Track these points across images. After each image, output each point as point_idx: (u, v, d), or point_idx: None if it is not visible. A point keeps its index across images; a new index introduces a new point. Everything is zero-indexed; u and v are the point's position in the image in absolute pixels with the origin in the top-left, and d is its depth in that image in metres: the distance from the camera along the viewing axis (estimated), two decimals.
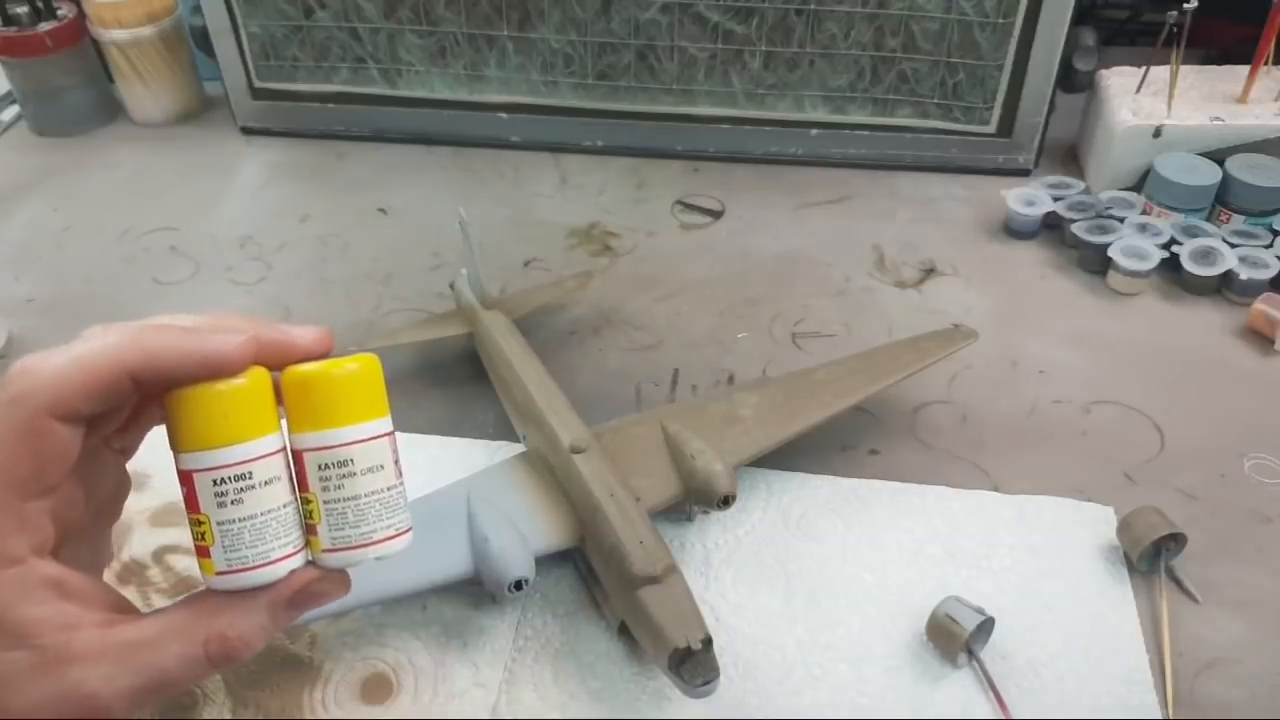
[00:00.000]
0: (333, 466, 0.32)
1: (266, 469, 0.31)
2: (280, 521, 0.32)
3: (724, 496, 0.53)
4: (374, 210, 0.87)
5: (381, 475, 0.33)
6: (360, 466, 0.32)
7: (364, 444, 0.32)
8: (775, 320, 0.73)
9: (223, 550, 0.31)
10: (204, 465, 0.31)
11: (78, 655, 0.29)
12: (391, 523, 0.33)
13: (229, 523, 0.31)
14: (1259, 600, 0.53)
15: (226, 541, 0.31)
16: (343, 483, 0.32)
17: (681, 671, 0.45)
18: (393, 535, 0.33)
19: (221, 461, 0.31)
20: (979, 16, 0.81)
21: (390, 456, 0.33)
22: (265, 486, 0.31)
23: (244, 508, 0.31)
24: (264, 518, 0.31)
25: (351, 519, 0.32)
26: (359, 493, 0.32)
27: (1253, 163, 0.77)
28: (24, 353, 0.31)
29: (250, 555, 0.31)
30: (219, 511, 0.31)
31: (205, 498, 0.31)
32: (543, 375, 0.60)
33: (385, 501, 0.33)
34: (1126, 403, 0.66)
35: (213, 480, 0.31)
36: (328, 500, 0.32)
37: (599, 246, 0.82)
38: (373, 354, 0.33)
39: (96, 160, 0.95)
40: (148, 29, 0.94)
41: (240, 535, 0.31)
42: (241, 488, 0.31)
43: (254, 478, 0.31)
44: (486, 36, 0.88)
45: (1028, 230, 0.81)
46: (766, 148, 0.90)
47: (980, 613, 0.49)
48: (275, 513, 0.32)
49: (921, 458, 0.62)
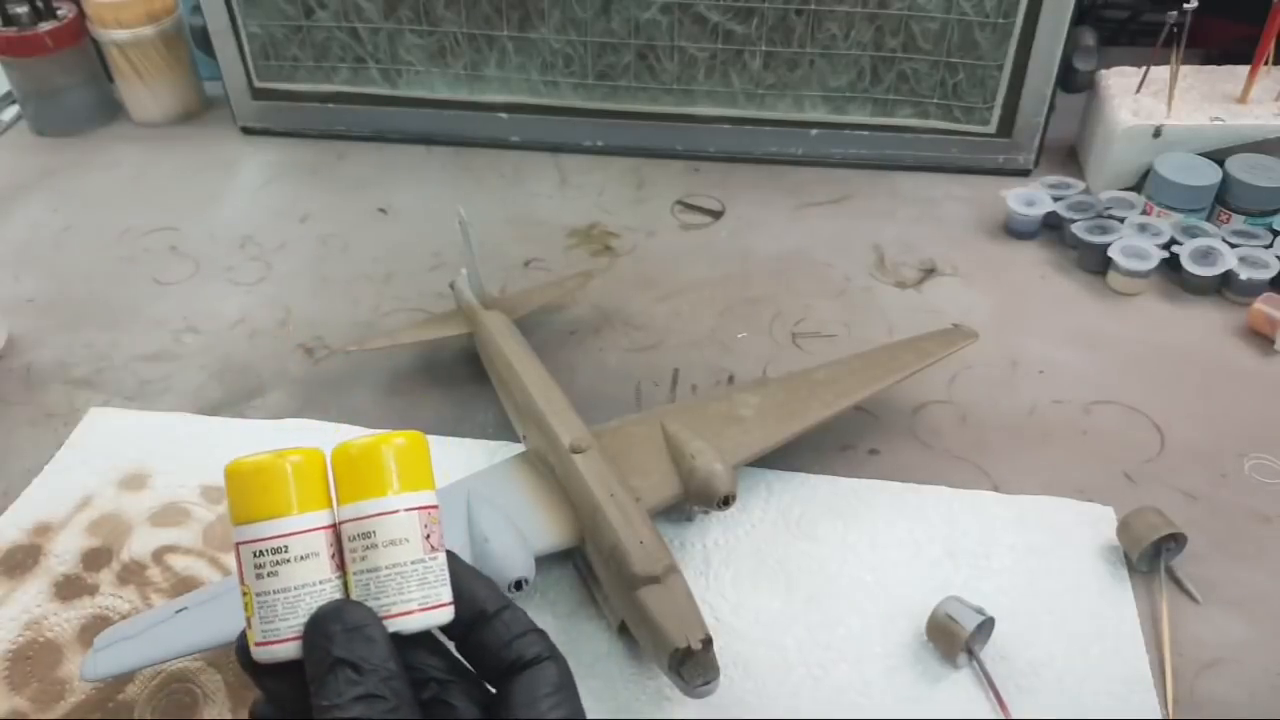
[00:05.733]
0: (358, 538, 0.32)
1: (304, 544, 0.32)
2: (314, 597, 0.32)
3: (724, 496, 0.53)
4: (374, 210, 0.87)
5: (405, 549, 0.32)
6: (382, 539, 0.32)
7: (386, 517, 0.32)
8: (775, 320, 0.73)
9: (259, 621, 0.32)
10: (245, 538, 0.32)
11: None
12: (414, 597, 0.32)
13: (264, 594, 0.32)
14: (1259, 600, 0.53)
15: (263, 613, 0.32)
16: (366, 554, 0.32)
17: (681, 671, 0.45)
18: (412, 610, 0.32)
19: (260, 535, 0.32)
20: (979, 16, 0.81)
21: (419, 531, 0.33)
22: (301, 561, 0.32)
23: (278, 580, 0.32)
24: (297, 592, 0.32)
25: (373, 591, 0.32)
26: (379, 565, 0.32)
27: (1253, 163, 0.77)
28: (24, 352, 0.31)
29: (283, 629, 0.32)
30: (257, 583, 0.32)
31: (247, 569, 0.32)
32: (543, 375, 0.60)
33: (408, 575, 0.32)
34: (1126, 403, 0.66)
35: (254, 553, 0.32)
36: (355, 571, 0.33)
37: (599, 246, 0.82)
38: (419, 432, 0.34)
39: (96, 160, 0.95)
40: (148, 29, 0.94)
41: (274, 607, 0.32)
42: (277, 561, 0.32)
43: (289, 552, 0.32)
44: (486, 36, 0.88)
45: (1028, 230, 0.81)
46: (766, 148, 0.90)
47: (980, 613, 0.49)
48: (310, 588, 0.32)
49: (921, 458, 0.62)
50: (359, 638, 0.31)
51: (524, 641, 0.33)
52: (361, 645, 0.31)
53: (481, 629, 0.33)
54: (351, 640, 0.31)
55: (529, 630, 0.34)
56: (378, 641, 0.31)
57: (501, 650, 0.33)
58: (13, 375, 0.69)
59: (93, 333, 0.74)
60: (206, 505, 0.59)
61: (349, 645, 0.31)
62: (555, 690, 0.32)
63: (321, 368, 0.70)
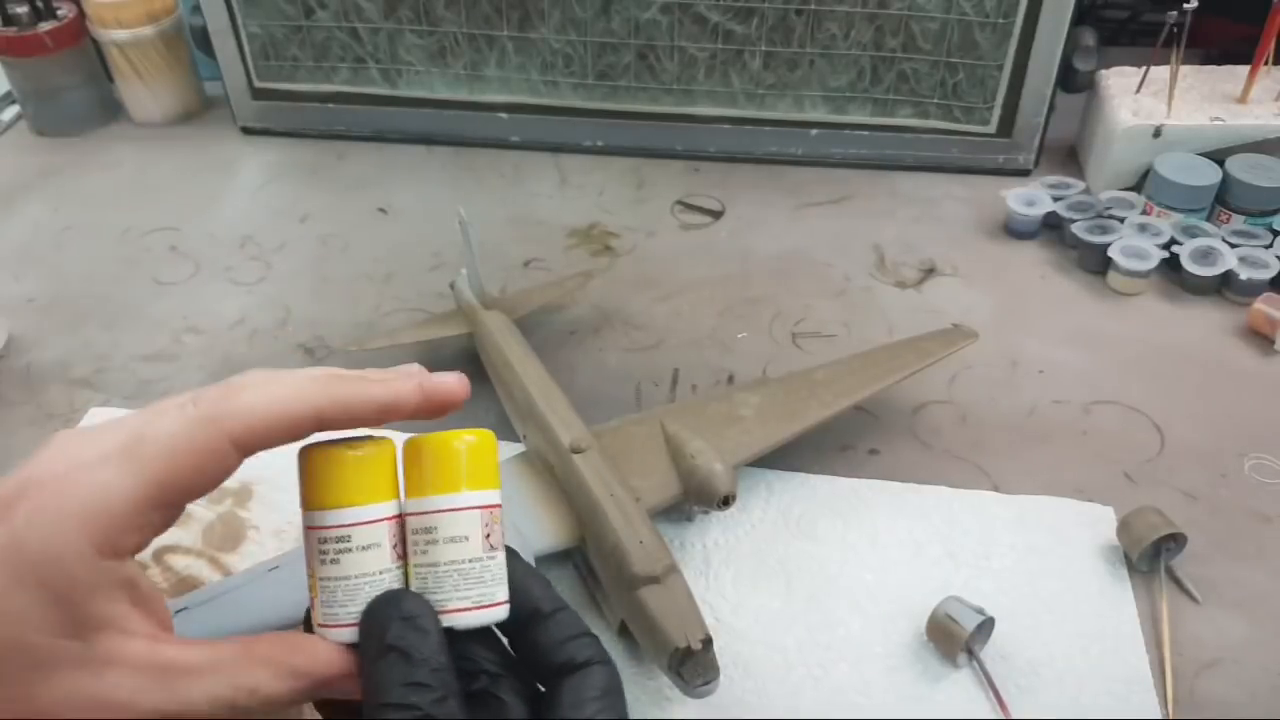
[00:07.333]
0: (421, 532, 0.33)
1: (367, 535, 0.33)
2: (374, 586, 0.33)
3: (724, 496, 0.53)
4: (374, 210, 0.87)
5: (465, 546, 0.33)
6: (443, 535, 0.33)
7: (449, 514, 0.33)
8: (775, 320, 0.73)
9: (321, 605, 0.33)
10: (312, 524, 0.33)
11: (121, 663, 0.30)
12: (470, 595, 0.33)
13: (326, 580, 0.33)
14: (1259, 600, 0.53)
15: (324, 597, 0.33)
16: (427, 549, 0.33)
17: (681, 671, 0.45)
18: (467, 608, 0.33)
19: (325, 523, 0.32)
20: (979, 16, 0.81)
21: (480, 529, 0.33)
22: (363, 551, 0.32)
23: (340, 568, 0.32)
24: (358, 580, 0.32)
25: (430, 585, 0.33)
26: (438, 560, 0.33)
27: (1253, 163, 0.77)
28: (24, 352, 0.31)
29: (341, 614, 0.32)
30: (320, 569, 0.33)
31: (311, 554, 0.33)
32: (543, 375, 0.60)
33: (465, 572, 0.33)
34: (1126, 403, 0.66)
35: (318, 539, 0.33)
36: (415, 564, 0.33)
37: (599, 246, 0.82)
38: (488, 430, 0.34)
39: (96, 160, 0.95)
40: (148, 29, 0.94)
41: (334, 593, 0.32)
42: (340, 549, 0.32)
43: (352, 541, 0.32)
44: (486, 36, 0.88)
45: (1028, 230, 0.81)
46: (766, 148, 0.90)
47: (980, 613, 0.49)
48: (370, 578, 0.33)
49: (921, 458, 0.62)
50: (412, 628, 0.31)
51: (577, 644, 0.34)
52: (414, 635, 0.31)
53: (535, 628, 0.34)
54: (405, 629, 0.31)
55: (582, 633, 0.34)
56: (430, 633, 0.32)
57: (554, 650, 0.33)
58: (13, 375, 0.69)
59: (93, 333, 0.74)
60: (207, 505, 0.59)
61: (402, 634, 0.31)
62: (603, 694, 0.33)
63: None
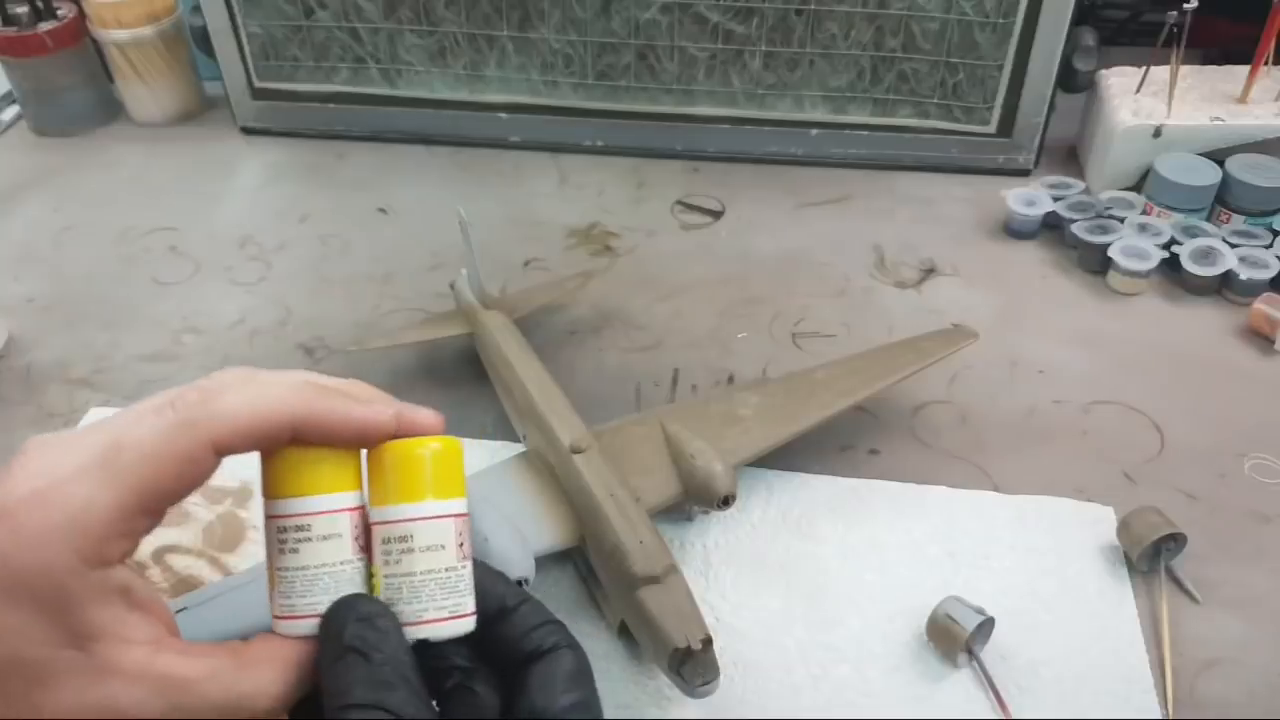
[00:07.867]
0: (394, 541, 0.33)
1: (327, 525, 0.32)
2: (334, 577, 0.32)
3: (724, 496, 0.53)
4: (374, 210, 0.87)
5: (441, 555, 0.33)
6: (420, 544, 0.32)
7: (425, 522, 0.33)
8: (775, 320, 0.73)
9: (278, 595, 0.32)
10: (273, 513, 0.32)
11: (120, 671, 0.30)
12: (445, 605, 0.33)
13: (285, 570, 0.32)
14: (1259, 600, 0.53)
15: (282, 588, 0.32)
16: (401, 558, 0.33)
17: (682, 671, 0.45)
18: (445, 618, 0.33)
19: (284, 511, 0.32)
20: (979, 16, 0.81)
21: (454, 538, 0.33)
22: (323, 541, 0.32)
23: (299, 558, 0.32)
24: (316, 570, 0.32)
25: (405, 595, 0.32)
26: (414, 570, 0.32)
27: (1253, 163, 0.77)
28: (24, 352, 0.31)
29: (299, 605, 0.32)
30: (279, 558, 0.32)
31: (271, 543, 0.32)
32: (543, 375, 0.60)
33: (441, 581, 0.33)
34: (1126, 403, 0.66)
35: (278, 528, 0.32)
36: (386, 575, 0.33)
37: (599, 246, 0.82)
38: (455, 438, 0.34)
39: (96, 160, 0.95)
40: (148, 29, 0.94)
41: (293, 584, 0.32)
42: (300, 538, 0.32)
43: (312, 530, 0.32)
44: (486, 36, 0.88)
45: (1028, 230, 0.81)
46: (766, 148, 0.90)
47: (980, 613, 0.49)
48: (329, 568, 0.32)
49: (921, 458, 0.62)
50: (370, 628, 0.31)
51: (542, 631, 0.33)
52: (372, 635, 0.31)
53: (501, 623, 0.34)
54: (363, 629, 0.31)
55: (547, 621, 0.34)
56: (388, 632, 0.31)
57: (521, 640, 0.33)
58: (13, 375, 0.69)
59: (93, 333, 0.74)
60: (206, 505, 0.59)
61: (360, 634, 0.31)
62: (571, 677, 0.32)
63: (321, 368, 0.70)
